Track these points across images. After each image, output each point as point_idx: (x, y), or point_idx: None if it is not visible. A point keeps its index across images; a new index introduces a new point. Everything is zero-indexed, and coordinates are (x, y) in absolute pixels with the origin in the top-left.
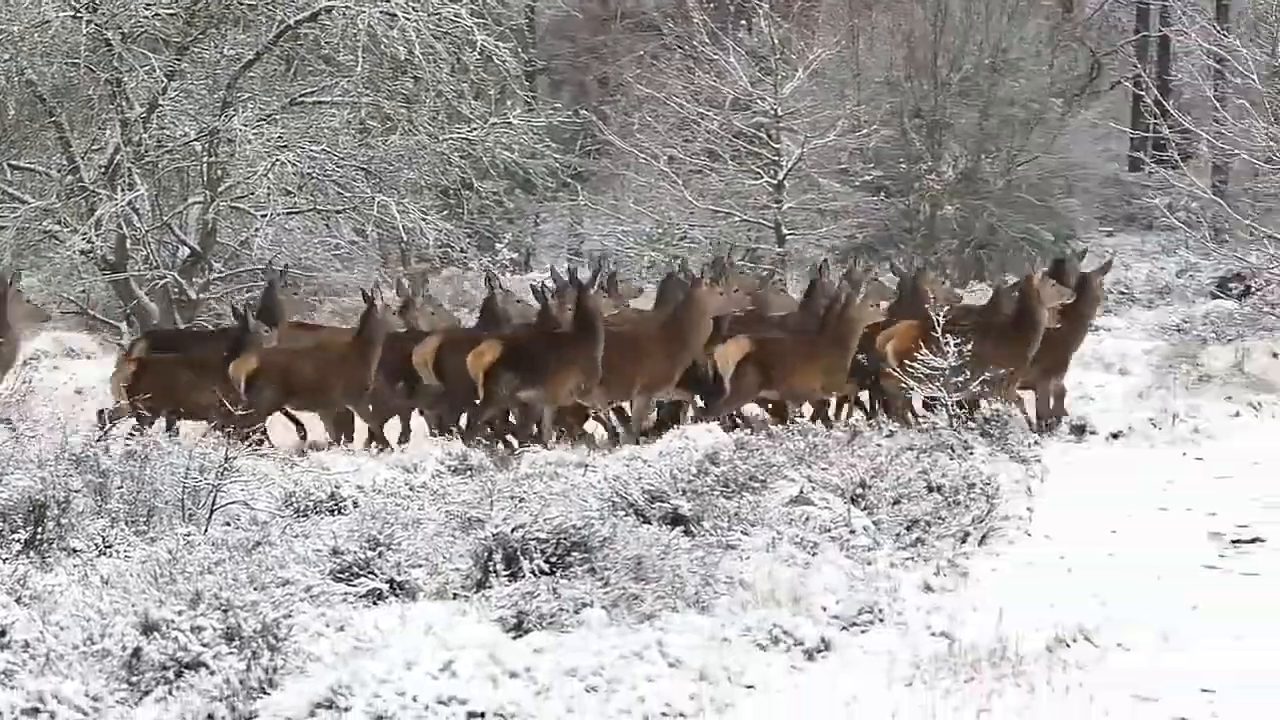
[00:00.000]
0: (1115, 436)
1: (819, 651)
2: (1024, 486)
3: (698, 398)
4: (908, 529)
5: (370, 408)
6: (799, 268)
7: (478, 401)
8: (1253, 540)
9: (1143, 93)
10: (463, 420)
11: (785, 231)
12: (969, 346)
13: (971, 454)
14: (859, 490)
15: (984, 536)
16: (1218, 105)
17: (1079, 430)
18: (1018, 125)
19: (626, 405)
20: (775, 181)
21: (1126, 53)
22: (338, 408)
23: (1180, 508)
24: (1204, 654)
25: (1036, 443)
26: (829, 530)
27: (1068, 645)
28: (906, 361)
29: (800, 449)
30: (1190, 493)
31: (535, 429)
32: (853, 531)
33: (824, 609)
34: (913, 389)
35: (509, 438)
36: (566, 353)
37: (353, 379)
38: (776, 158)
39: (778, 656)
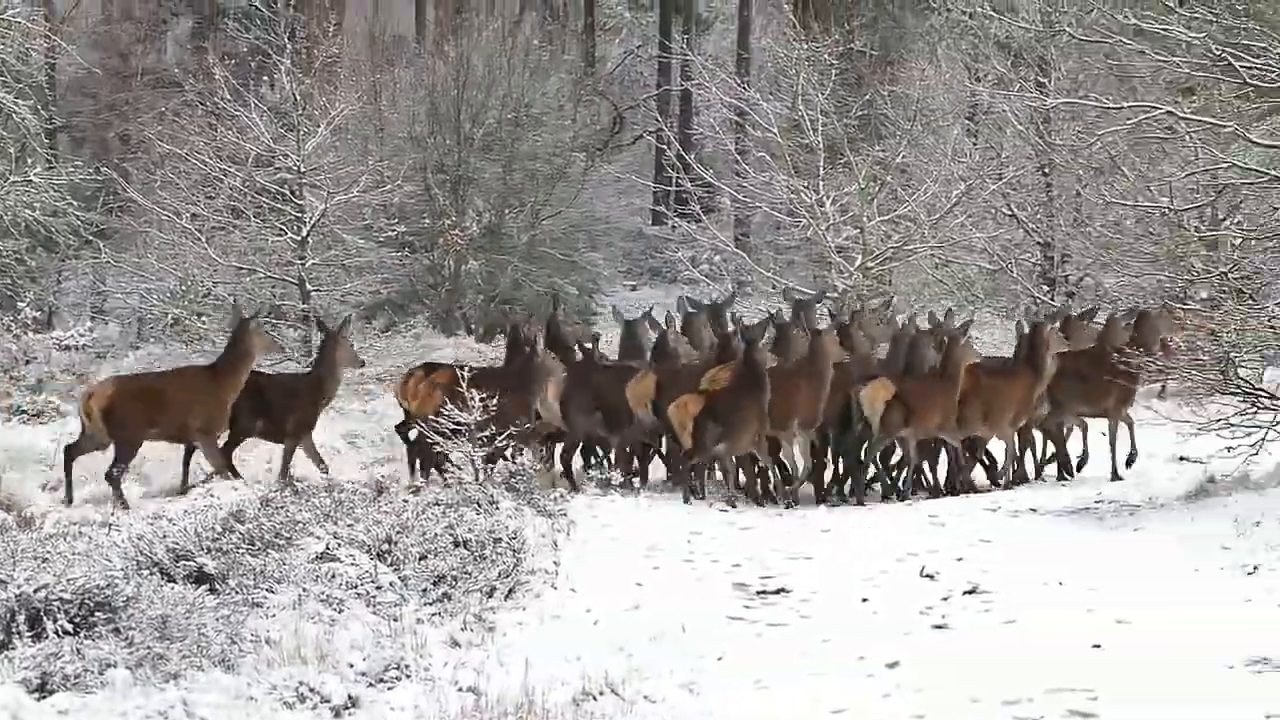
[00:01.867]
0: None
1: (346, 709)
2: (550, 540)
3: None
4: (435, 584)
5: None
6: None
7: None
8: (778, 591)
9: (665, 147)
10: None
11: (310, 288)
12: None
13: (498, 508)
14: (385, 546)
15: (510, 591)
16: (739, 159)
17: (605, 483)
18: (541, 180)
19: None
20: (299, 238)
21: (649, 107)
22: None
23: (706, 559)
24: (728, 704)
25: (562, 496)
26: (355, 586)
27: (594, 698)
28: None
29: (326, 505)
30: (715, 544)
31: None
32: (379, 587)
33: (351, 665)
34: None
35: None
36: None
37: None
38: (300, 214)
39: (304, 714)
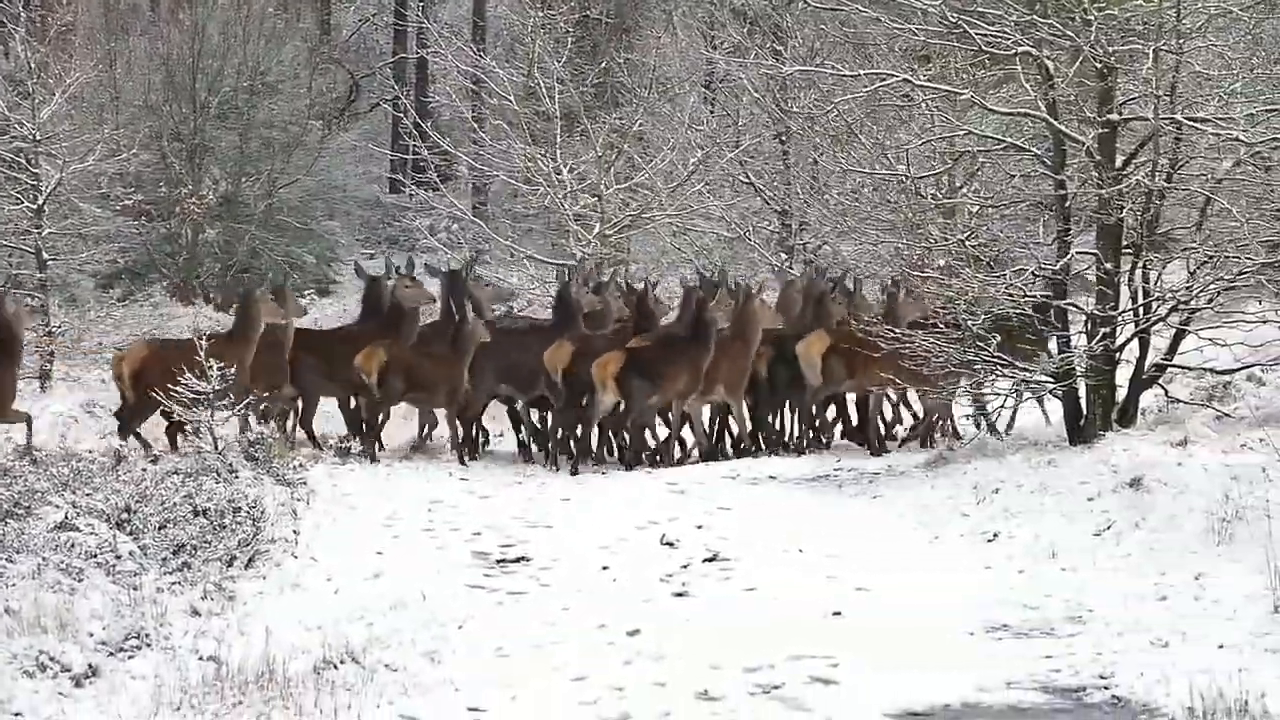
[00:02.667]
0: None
1: (86, 678)
2: (290, 509)
3: None
4: (174, 553)
5: None
6: (61, 292)
7: None
8: (518, 559)
9: (401, 115)
10: None
11: (46, 257)
12: None
13: (237, 477)
14: (125, 515)
15: (250, 560)
16: (476, 126)
17: (344, 452)
18: (278, 148)
19: None
20: (35, 207)
21: (385, 75)
22: None
23: (446, 528)
24: (469, 672)
25: (301, 465)
26: (95, 555)
27: (335, 666)
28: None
29: (65, 475)
30: (455, 513)
31: None
32: (119, 556)
33: (91, 635)
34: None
35: None
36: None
37: None
38: (36, 183)
39: (44, 683)
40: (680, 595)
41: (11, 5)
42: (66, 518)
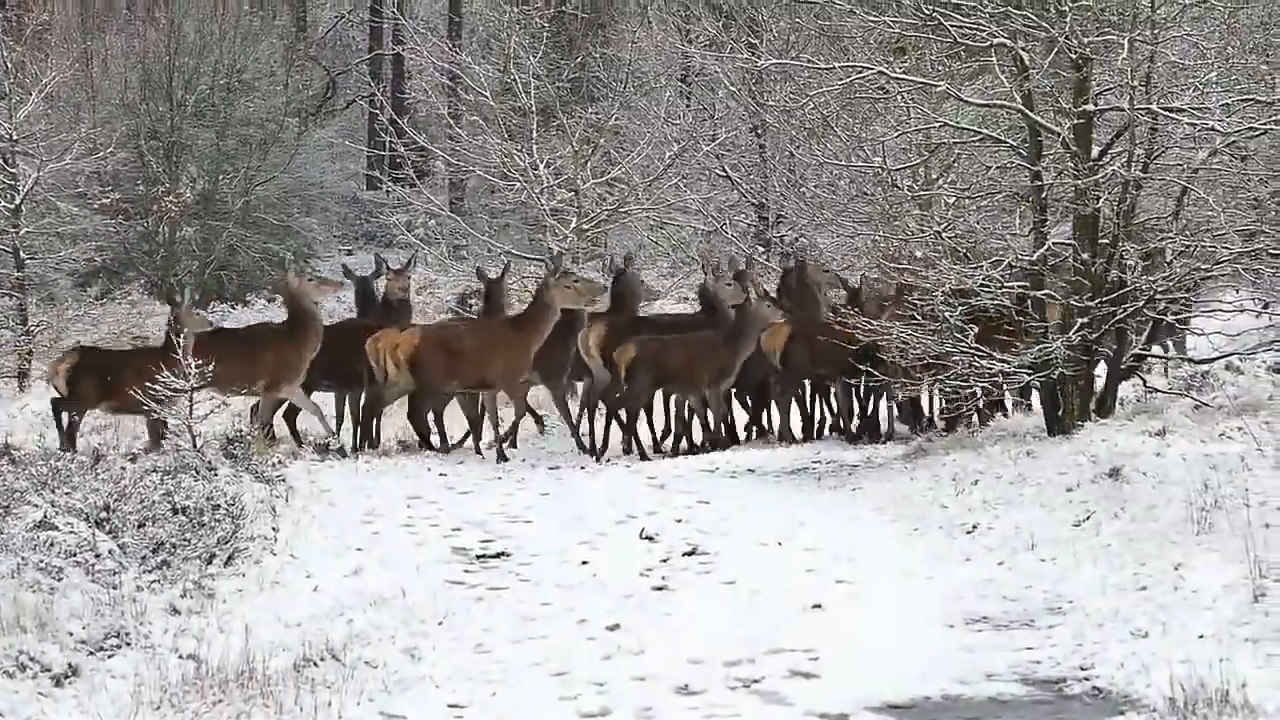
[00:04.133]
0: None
1: (66, 678)
2: (269, 506)
3: None
4: (154, 551)
5: None
6: (39, 291)
7: None
8: (498, 555)
9: (378, 111)
10: None
11: (24, 256)
12: None
13: (216, 475)
14: (104, 514)
15: (230, 557)
16: (452, 122)
17: (323, 449)
18: (254, 145)
19: None
20: (12, 206)
21: (361, 71)
22: None
23: (425, 524)
24: (449, 668)
25: (280, 462)
26: (74, 555)
27: (315, 664)
28: None
29: (44, 473)
30: (434, 509)
31: None
32: (98, 555)
33: (70, 634)
34: None
35: None
36: None
37: None
38: (13, 182)
39: (24, 683)
40: (660, 589)
41: None
42: (45, 517)
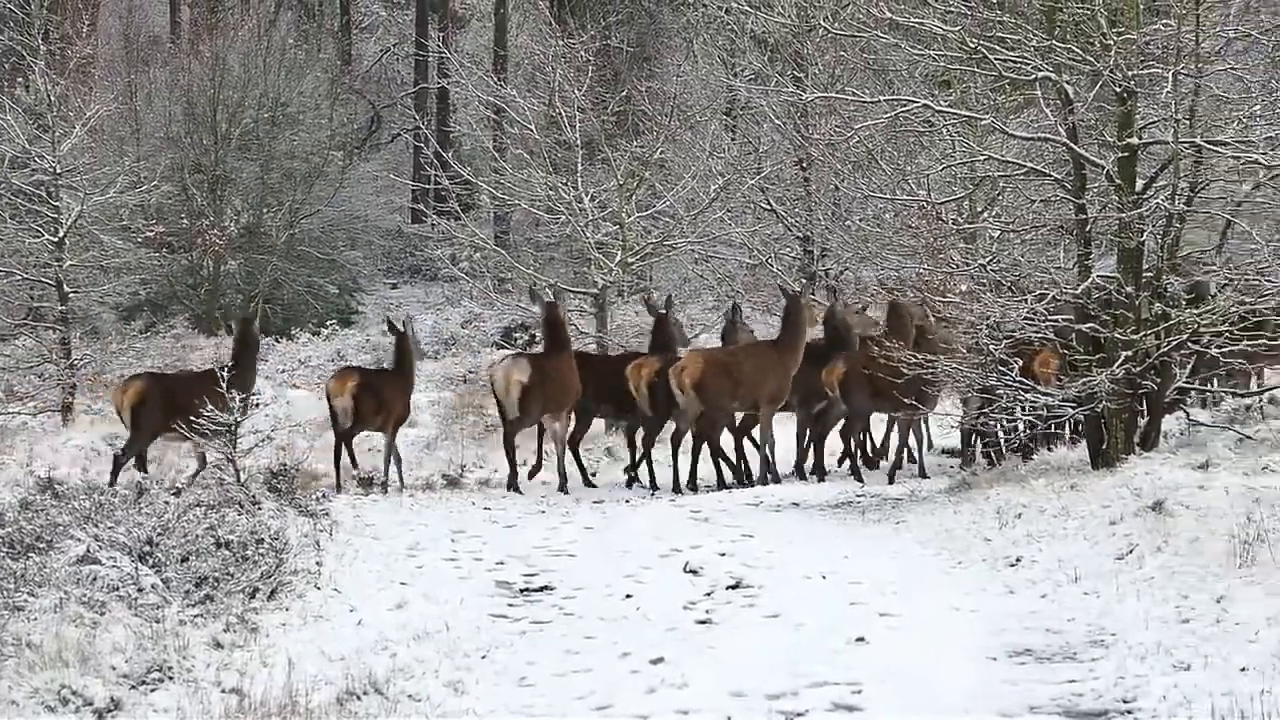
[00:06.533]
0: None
1: (109, 711)
2: (313, 540)
3: None
4: (197, 585)
5: None
6: (83, 324)
7: None
8: (542, 588)
9: (422, 145)
10: None
11: (68, 289)
12: None
13: (260, 509)
14: (147, 548)
15: (273, 591)
16: (497, 156)
17: (367, 483)
18: (299, 179)
19: None
20: (56, 239)
21: (406, 105)
22: None
23: (469, 557)
24: (493, 702)
25: (324, 496)
26: (117, 589)
27: (358, 698)
28: None
29: (87, 508)
30: (478, 543)
31: None
32: (141, 589)
33: (113, 668)
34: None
35: None
36: None
37: None
38: (57, 215)
39: (67, 717)
40: (704, 623)
41: (31, 38)
42: (88, 551)
